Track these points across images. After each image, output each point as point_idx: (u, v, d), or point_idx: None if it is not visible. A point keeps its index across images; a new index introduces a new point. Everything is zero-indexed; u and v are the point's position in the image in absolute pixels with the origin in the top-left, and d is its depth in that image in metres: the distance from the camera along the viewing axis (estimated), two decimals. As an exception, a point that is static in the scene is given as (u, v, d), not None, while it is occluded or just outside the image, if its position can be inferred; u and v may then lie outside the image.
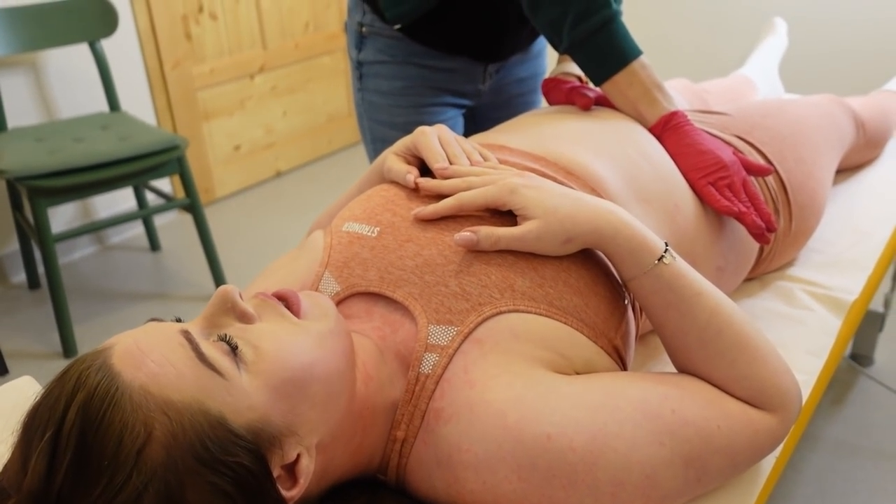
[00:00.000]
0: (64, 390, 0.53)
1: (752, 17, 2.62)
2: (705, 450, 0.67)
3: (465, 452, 0.65)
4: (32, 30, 2.21)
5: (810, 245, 1.18)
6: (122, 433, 0.51)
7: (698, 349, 0.71)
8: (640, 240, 0.72)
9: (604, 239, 0.72)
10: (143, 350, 0.55)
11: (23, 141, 2.10)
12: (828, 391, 1.82)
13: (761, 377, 0.71)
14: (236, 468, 0.54)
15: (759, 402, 0.71)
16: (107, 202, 2.64)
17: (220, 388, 0.56)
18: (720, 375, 0.71)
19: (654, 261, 0.71)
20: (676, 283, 0.71)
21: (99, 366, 0.54)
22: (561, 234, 0.71)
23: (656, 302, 0.72)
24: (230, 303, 0.61)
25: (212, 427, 0.54)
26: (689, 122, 0.97)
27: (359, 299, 0.75)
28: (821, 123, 1.19)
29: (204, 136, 2.90)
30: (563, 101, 1.06)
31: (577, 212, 0.71)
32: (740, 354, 0.71)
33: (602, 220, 0.71)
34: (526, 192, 0.72)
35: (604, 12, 0.95)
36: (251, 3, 2.93)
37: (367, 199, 0.83)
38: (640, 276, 0.72)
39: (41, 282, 2.42)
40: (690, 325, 0.71)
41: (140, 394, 0.53)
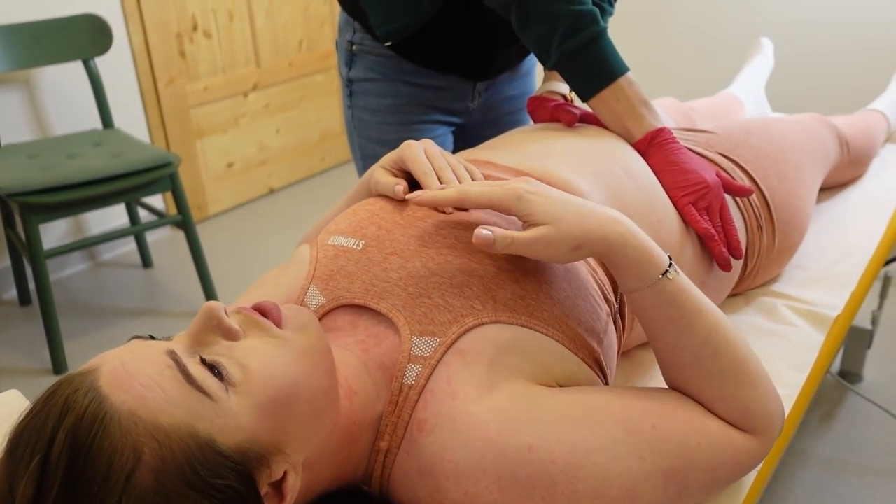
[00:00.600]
0: (51, 414, 0.53)
1: (740, 37, 2.65)
2: (685, 466, 0.67)
3: (448, 463, 0.65)
4: (27, 47, 2.23)
5: (795, 261, 1.19)
6: (111, 459, 0.51)
7: (691, 366, 0.71)
8: (647, 251, 0.70)
9: (613, 248, 0.69)
10: (130, 372, 0.55)
11: (16, 157, 2.11)
12: (817, 408, 1.82)
13: (748, 400, 0.71)
14: (225, 490, 0.54)
15: (743, 424, 0.71)
16: (99, 219, 2.64)
17: (209, 410, 0.56)
18: (708, 394, 0.71)
19: (659, 275, 0.70)
20: (678, 298, 0.70)
21: (87, 388, 0.53)
22: (571, 241, 0.69)
23: (656, 316, 0.71)
24: (216, 320, 0.61)
25: (201, 450, 0.54)
26: (675, 139, 0.98)
27: (344, 312, 0.76)
28: (804, 142, 1.20)
29: (197, 154, 2.91)
30: (548, 119, 1.08)
31: (585, 219, 0.69)
32: (731, 376, 0.70)
33: (610, 228, 0.69)
34: (533, 199, 0.69)
35: (591, 29, 0.96)
36: (245, 21, 2.95)
37: (352, 213, 0.84)
38: (643, 289, 0.70)
39: (32, 298, 2.42)
40: (687, 342, 0.70)
41: (129, 418, 0.52)
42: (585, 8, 0.96)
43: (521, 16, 0.99)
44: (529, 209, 0.69)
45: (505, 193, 0.70)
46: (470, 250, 0.75)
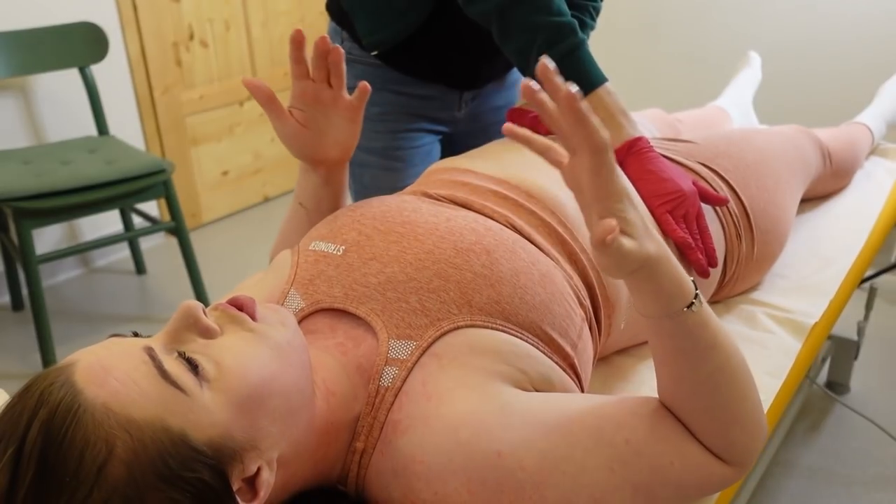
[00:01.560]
0: (26, 406, 0.54)
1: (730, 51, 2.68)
2: (655, 482, 0.67)
3: (419, 464, 0.67)
4: (23, 54, 2.25)
5: (775, 271, 1.21)
6: (83, 450, 0.52)
7: (688, 396, 0.69)
8: (679, 281, 0.66)
9: (654, 276, 0.65)
10: (105, 367, 0.56)
11: (10, 163, 2.13)
12: (803, 419, 1.84)
13: (733, 438, 0.69)
14: (197, 484, 0.55)
15: (721, 454, 0.70)
16: (93, 225, 2.66)
17: (183, 406, 0.57)
18: (698, 425, 0.69)
19: (684, 306, 0.66)
20: (696, 332, 0.67)
21: (62, 383, 0.55)
22: (639, 262, 0.64)
23: (668, 344, 0.68)
24: (193, 318, 0.62)
25: (173, 444, 0.55)
26: (652, 148, 1.00)
27: (323, 315, 0.77)
28: (785, 152, 1.22)
29: (192, 162, 2.93)
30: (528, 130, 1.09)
31: (648, 241, 0.64)
32: (723, 413, 0.69)
33: (661, 255, 0.65)
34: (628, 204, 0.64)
35: (570, 40, 0.98)
36: (241, 31, 2.98)
37: (333, 220, 0.86)
38: (663, 318, 0.66)
39: (25, 303, 2.43)
40: (691, 374, 0.68)
41: (102, 411, 0.54)
42: (564, 20, 0.98)
43: (501, 27, 1.01)
44: (625, 213, 0.63)
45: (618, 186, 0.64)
46: (446, 256, 0.77)
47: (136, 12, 2.60)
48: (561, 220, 0.89)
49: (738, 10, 2.82)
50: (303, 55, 0.87)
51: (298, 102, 0.90)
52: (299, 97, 0.89)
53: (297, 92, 0.89)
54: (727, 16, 2.85)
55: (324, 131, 0.91)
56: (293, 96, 0.90)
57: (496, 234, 0.81)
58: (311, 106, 0.89)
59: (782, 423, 1.59)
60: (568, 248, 0.87)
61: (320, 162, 0.94)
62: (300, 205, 0.99)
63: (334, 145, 0.92)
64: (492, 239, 0.80)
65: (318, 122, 0.90)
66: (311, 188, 0.97)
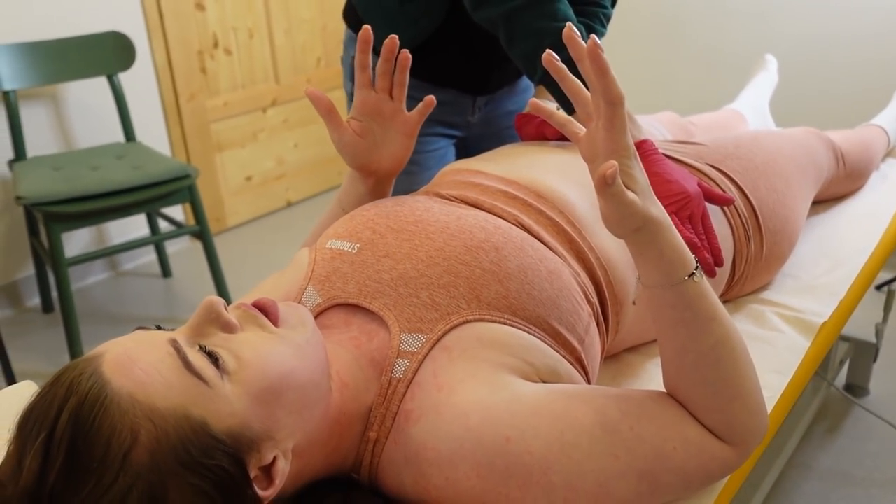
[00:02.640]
0: (57, 395, 0.57)
1: (747, 54, 2.68)
2: (659, 468, 0.70)
3: (431, 450, 0.69)
4: (53, 63, 2.31)
5: (786, 271, 1.22)
6: (110, 438, 0.55)
7: (691, 370, 0.72)
8: (681, 251, 0.70)
9: (655, 241, 0.69)
10: (132, 358, 0.59)
11: (41, 169, 2.19)
12: (821, 421, 1.83)
13: (734, 415, 0.72)
14: (216, 470, 0.58)
15: (723, 434, 0.73)
16: (121, 229, 2.72)
17: (204, 396, 0.60)
18: (698, 400, 0.72)
19: (686, 275, 0.70)
20: (697, 302, 0.70)
21: (90, 373, 0.58)
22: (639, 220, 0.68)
23: (671, 315, 0.71)
24: (215, 314, 0.65)
25: (194, 432, 0.58)
26: (657, 150, 1.02)
27: (339, 310, 0.80)
28: (795, 154, 1.23)
29: (217, 167, 2.98)
30: (534, 134, 1.11)
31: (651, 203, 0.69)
32: (725, 389, 0.72)
33: (663, 221, 0.70)
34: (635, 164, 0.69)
35: None
36: (265, 39, 3.03)
37: (349, 219, 0.89)
38: (667, 287, 0.70)
39: (54, 305, 2.49)
40: (694, 346, 0.71)
41: (128, 401, 0.57)
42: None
43: (507, 32, 1.03)
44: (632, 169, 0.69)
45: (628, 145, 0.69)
46: (456, 254, 0.80)
47: (163, 21, 2.67)
48: (569, 220, 0.91)
49: (755, 13, 2.82)
50: (369, 60, 0.90)
51: (358, 113, 0.93)
52: (360, 107, 0.92)
53: (359, 102, 0.92)
54: (744, 19, 2.85)
55: (379, 143, 0.94)
56: (355, 106, 0.93)
57: (505, 233, 0.83)
58: (371, 117, 0.93)
59: (799, 425, 1.59)
60: (576, 246, 0.89)
61: (372, 172, 0.97)
62: (342, 209, 1.02)
63: (388, 157, 0.96)
64: (500, 237, 0.82)
65: (374, 133, 0.94)
66: (356, 195, 1.00)
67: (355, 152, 0.94)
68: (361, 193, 1.00)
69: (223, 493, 0.59)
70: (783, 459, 1.51)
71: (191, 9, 2.75)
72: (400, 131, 0.94)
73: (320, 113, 0.91)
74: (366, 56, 0.89)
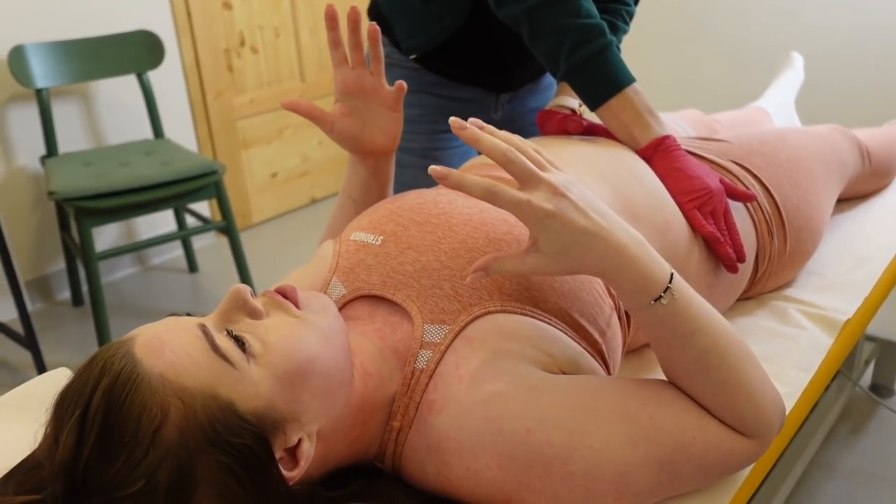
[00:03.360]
0: (91, 375, 0.60)
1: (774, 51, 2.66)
2: (679, 457, 0.71)
3: (452, 440, 0.70)
4: (84, 62, 2.36)
5: (810, 268, 1.21)
6: (141, 415, 0.58)
7: (686, 379, 0.74)
8: (641, 281, 0.70)
9: (605, 277, 0.71)
10: (163, 341, 0.62)
11: (72, 165, 2.24)
12: (846, 421, 1.82)
13: (741, 410, 0.72)
14: (242, 448, 0.60)
15: (738, 429, 0.73)
16: (149, 225, 2.76)
17: (231, 377, 0.62)
18: (704, 401, 0.74)
19: (651, 300, 0.70)
20: (671, 321, 0.71)
21: (123, 354, 0.60)
22: (563, 273, 0.71)
23: (649, 332, 0.74)
24: (241, 300, 0.68)
25: (221, 412, 0.60)
26: (679, 146, 1.02)
27: (363, 302, 0.81)
28: (820, 151, 1.23)
29: (243, 164, 3.02)
30: (556, 130, 1.12)
31: (585, 253, 0.69)
32: (723, 390, 0.72)
33: (606, 265, 0.69)
34: (549, 224, 0.67)
35: (599, 41, 1.01)
36: (291, 37, 3.06)
37: (373, 212, 0.90)
38: (635, 310, 0.73)
39: (85, 299, 2.54)
40: (680, 358, 0.73)
41: (158, 380, 0.59)
42: (593, 21, 1.01)
43: (531, 29, 1.04)
44: (541, 233, 0.68)
45: (529, 211, 0.67)
46: (478, 246, 0.81)
47: (191, 20, 2.71)
48: None
49: (782, 9, 2.80)
50: (339, 36, 0.93)
51: (341, 94, 0.97)
52: (342, 87, 0.96)
53: (339, 82, 0.96)
54: (770, 15, 2.83)
55: (367, 120, 0.98)
56: (336, 89, 0.97)
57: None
58: (354, 95, 0.96)
59: (823, 425, 1.58)
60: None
61: (368, 153, 1.00)
62: (349, 198, 1.05)
63: (379, 133, 0.99)
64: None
65: (360, 111, 0.98)
66: (360, 180, 1.03)
67: (347, 135, 0.98)
68: (364, 177, 1.03)
69: (248, 471, 0.60)
70: (806, 458, 1.50)
71: (218, 8, 2.78)
72: (384, 105, 0.97)
73: (305, 117, 0.95)
74: (335, 33, 0.93)
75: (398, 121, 0.99)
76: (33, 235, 2.47)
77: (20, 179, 2.40)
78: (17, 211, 2.41)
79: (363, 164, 1.02)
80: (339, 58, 0.95)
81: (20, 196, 2.41)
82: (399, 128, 1.00)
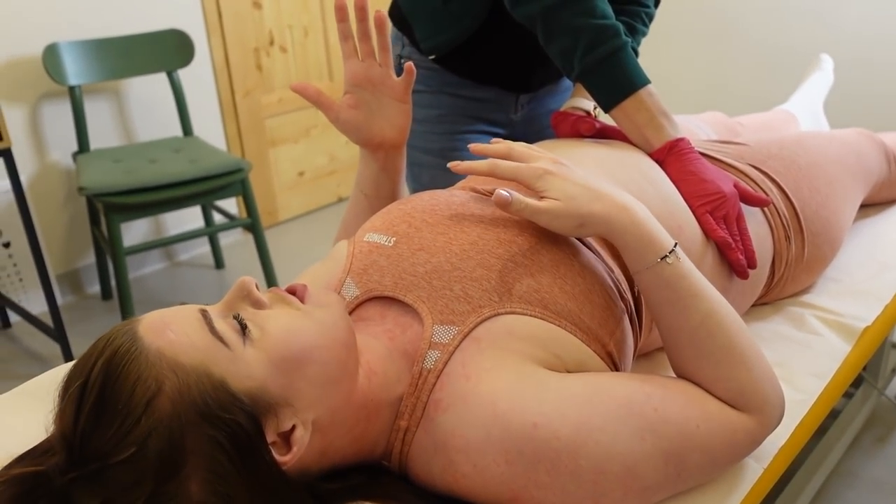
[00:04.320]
0: (95, 349, 0.63)
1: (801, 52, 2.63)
2: (685, 447, 0.72)
3: (459, 438, 0.71)
4: (116, 60, 2.40)
5: (829, 274, 1.20)
6: (135, 385, 0.60)
7: (688, 347, 0.77)
8: (648, 239, 0.77)
9: (613, 232, 0.77)
10: (166, 322, 0.65)
11: (102, 161, 2.28)
12: (870, 430, 1.79)
13: (742, 380, 0.76)
14: (232, 425, 0.62)
15: (739, 404, 0.76)
16: (178, 221, 2.81)
17: (225, 357, 0.64)
18: (704, 374, 0.77)
19: (657, 259, 0.76)
20: (676, 283, 0.76)
21: (125, 331, 0.64)
22: (575, 219, 0.77)
23: (655, 297, 0.78)
24: (246, 290, 0.70)
25: (214, 388, 0.62)
26: (693, 149, 1.01)
27: (375, 303, 0.82)
28: (842, 155, 1.21)
29: (270, 162, 3.05)
30: (570, 131, 1.12)
31: (592, 202, 0.77)
32: (726, 358, 0.76)
33: (615, 215, 0.77)
34: (551, 179, 0.78)
35: (613, 42, 1.01)
36: (319, 37, 3.09)
37: (387, 213, 0.91)
38: (643, 271, 0.78)
39: (114, 293, 2.59)
40: (683, 324, 0.77)
41: (156, 355, 0.62)
42: (608, 22, 1.01)
43: (545, 29, 1.04)
44: (545, 186, 0.78)
45: (529, 171, 0.79)
46: (489, 247, 0.81)
47: (221, 20, 2.74)
48: None
49: (812, 10, 2.75)
50: (348, 28, 0.95)
51: (350, 84, 0.98)
52: (350, 78, 0.97)
53: (348, 73, 0.97)
54: (800, 17, 2.79)
55: (375, 112, 0.99)
56: (346, 80, 0.98)
57: (538, 227, 0.84)
58: (363, 86, 0.98)
59: (846, 433, 1.56)
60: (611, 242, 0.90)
61: (378, 145, 1.01)
62: (361, 192, 1.07)
63: (388, 126, 1.00)
64: (534, 231, 0.84)
65: (369, 103, 0.99)
66: (371, 175, 1.05)
67: (355, 126, 0.99)
68: (375, 171, 1.04)
69: (238, 448, 0.62)
70: (828, 467, 1.48)
71: (248, 7, 2.82)
72: (392, 97, 0.98)
73: (310, 101, 0.97)
74: (345, 25, 0.94)
75: (407, 112, 1.00)
76: (65, 230, 2.53)
77: (53, 175, 2.46)
78: (49, 206, 2.47)
79: (373, 157, 1.03)
80: (349, 50, 0.96)
81: (53, 191, 2.47)
82: (408, 120, 1.00)
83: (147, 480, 0.59)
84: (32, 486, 0.61)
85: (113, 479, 0.59)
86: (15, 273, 2.41)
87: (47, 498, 0.60)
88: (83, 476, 0.59)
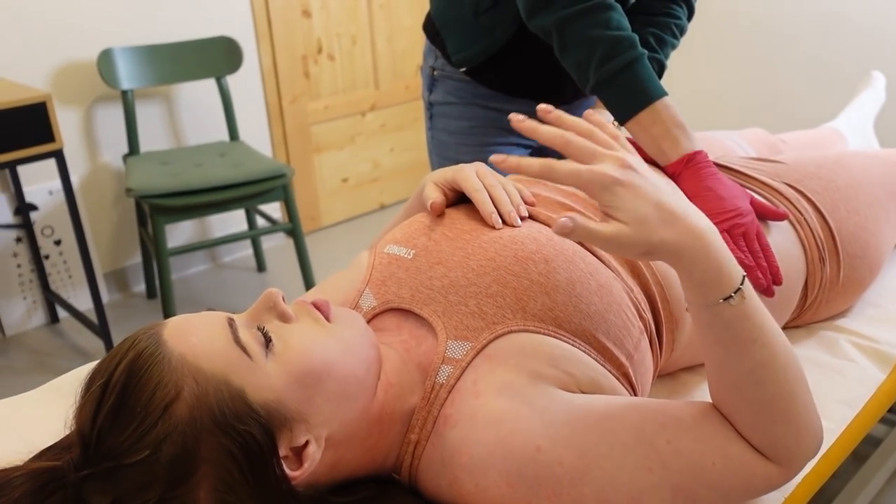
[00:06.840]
0: (120, 350, 0.65)
1: (852, 69, 2.55)
2: (696, 483, 0.69)
3: (464, 455, 0.71)
4: (167, 65, 2.46)
5: (867, 299, 1.16)
6: (155, 389, 0.61)
7: (731, 389, 0.70)
8: (716, 274, 0.67)
9: (680, 263, 0.67)
10: (191, 328, 0.66)
11: (150, 163, 2.34)
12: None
13: (778, 435, 0.69)
14: (246, 436, 0.63)
15: (767, 452, 0.70)
16: (222, 224, 2.86)
17: (246, 368, 0.65)
18: (740, 417, 0.70)
19: (720, 299, 0.67)
20: (735, 324, 0.68)
21: (150, 335, 0.65)
22: (643, 247, 0.65)
23: (708, 334, 0.70)
24: (272, 302, 0.71)
25: (231, 398, 0.63)
26: (711, 164, 0.99)
27: (392, 314, 0.83)
28: (886, 177, 1.17)
29: (315, 168, 3.09)
30: None
31: (664, 227, 0.65)
32: (768, 409, 0.69)
33: (688, 245, 0.66)
34: (620, 192, 0.65)
35: (628, 54, 1.00)
36: (367, 45, 3.12)
37: (407, 225, 0.92)
38: (701, 307, 0.68)
39: (158, 292, 2.65)
40: (732, 367, 0.69)
41: (178, 360, 0.63)
42: (623, 33, 1.00)
43: (560, 41, 1.03)
44: (613, 202, 0.65)
45: (593, 178, 0.65)
46: (506, 264, 0.81)
47: (271, 27, 2.79)
48: None
49: (866, 26, 2.67)
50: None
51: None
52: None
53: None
54: (852, 32, 2.71)
55: None
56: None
57: (556, 245, 0.84)
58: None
59: (885, 466, 1.50)
60: (631, 260, 0.89)
61: None
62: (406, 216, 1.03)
63: None
64: (552, 249, 0.83)
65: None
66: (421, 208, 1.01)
67: None
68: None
69: (249, 460, 0.63)
70: (864, 500, 1.43)
71: (298, 16, 2.86)
72: None
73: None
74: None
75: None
76: (114, 229, 2.60)
77: (104, 176, 2.53)
78: (100, 206, 2.54)
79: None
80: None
81: (103, 192, 2.54)
82: None
83: (158, 484, 0.60)
84: (48, 481, 0.63)
85: (125, 480, 0.60)
86: (65, 270, 2.48)
87: (61, 493, 0.62)
88: (96, 474, 0.61)
